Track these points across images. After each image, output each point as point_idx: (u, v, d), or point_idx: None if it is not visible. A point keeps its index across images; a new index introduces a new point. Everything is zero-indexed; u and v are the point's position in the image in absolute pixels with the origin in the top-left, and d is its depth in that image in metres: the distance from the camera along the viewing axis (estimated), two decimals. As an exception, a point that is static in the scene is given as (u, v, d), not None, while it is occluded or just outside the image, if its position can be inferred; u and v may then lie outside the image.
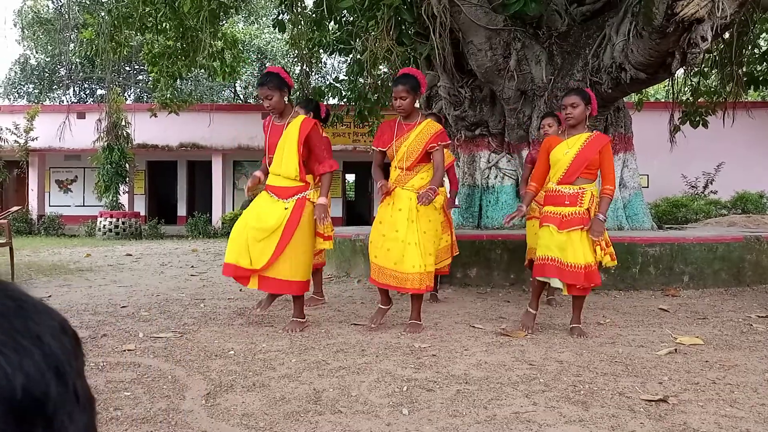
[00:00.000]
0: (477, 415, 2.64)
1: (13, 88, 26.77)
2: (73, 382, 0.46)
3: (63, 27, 14.65)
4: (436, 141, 4.38)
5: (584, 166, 4.26)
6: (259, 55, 25.54)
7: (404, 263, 4.25)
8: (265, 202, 4.42)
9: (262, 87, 4.33)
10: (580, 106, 4.26)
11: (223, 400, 2.84)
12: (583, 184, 4.28)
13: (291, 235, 4.32)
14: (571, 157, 4.26)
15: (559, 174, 4.32)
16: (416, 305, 4.44)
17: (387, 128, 4.55)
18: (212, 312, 5.10)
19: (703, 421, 2.55)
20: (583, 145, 4.27)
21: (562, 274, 4.20)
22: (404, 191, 4.38)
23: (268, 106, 4.35)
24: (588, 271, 4.15)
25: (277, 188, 4.41)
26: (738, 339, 4.09)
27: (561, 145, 4.34)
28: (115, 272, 8.13)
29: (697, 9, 5.46)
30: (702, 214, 13.78)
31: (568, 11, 7.69)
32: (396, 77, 4.47)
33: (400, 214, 4.32)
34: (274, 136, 4.43)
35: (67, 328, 0.49)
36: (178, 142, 18.59)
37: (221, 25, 12.99)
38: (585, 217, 4.22)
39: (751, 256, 6.54)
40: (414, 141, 4.39)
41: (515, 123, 7.95)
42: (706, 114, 10.68)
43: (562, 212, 4.24)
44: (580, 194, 4.25)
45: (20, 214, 16.94)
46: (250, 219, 4.36)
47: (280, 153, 4.40)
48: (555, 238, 4.23)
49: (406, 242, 4.26)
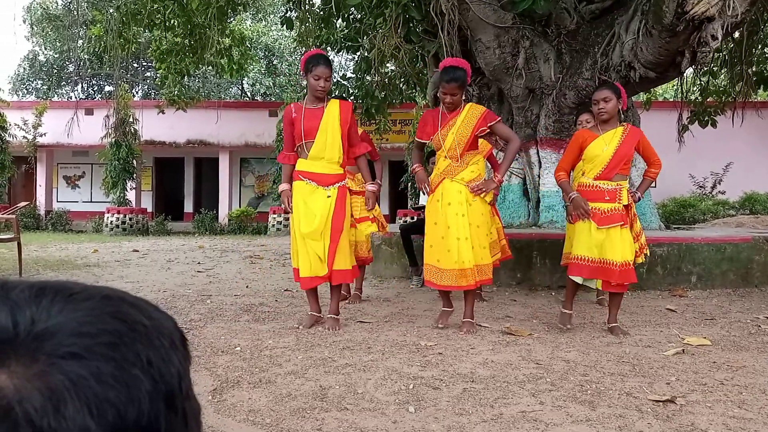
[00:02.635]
0: (483, 413, 2.63)
1: (22, 84, 26.88)
2: (182, 405, 0.44)
3: (72, 23, 14.68)
4: (485, 123, 4.31)
5: (623, 162, 4.25)
6: (267, 53, 25.54)
7: (461, 260, 4.18)
8: (306, 196, 4.33)
9: (324, 66, 4.28)
10: (613, 100, 4.23)
11: (230, 396, 2.85)
12: (620, 180, 4.26)
13: (342, 224, 4.31)
14: (610, 152, 4.23)
15: (597, 170, 4.26)
16: (470, 302, 4.35)
17: (430, 118, 4.45)
18: (219, 308, 5.10)
19: (711, 423, 2.53)
20: (621, 140, 4.25)
21: (599, 273, 4.16)
22: (453, 183, 4.28)
23: (322, 87, 4.29)
24: (624, 269, 4.11)
25: (318, 175, 4.33)
26: (746, 340, 4.07)
27: (598, 141, 4.27)
28: (122, 268, 8.15)
29: (708, 7, 5.42)
30: (710, 215, 13.70)
31: (577, 9, 7.64)
32: (444, 70, 4.30)
33: (450, 209, 4.24)
34: (312, 120, 4.32)
35: (177, 341, 0.46)
36: (186, 138, 18.63)
37: (229, 22, 13.00)
38: (624, 213, 4.19)
39: (759, 257, 6.50)
40: (461, 127, 4.29)
41: (523, 121, 7.92)
42: (715, 114, 10.61)
43: (601, 208, 4.19)
44: (618, 190, 4.22)
45: (28, 209, 17.01)
46: (301, 226, 4.30)
47: (324, 136, 4.32)
48: (594, 236, 4.17)
49: (458, 238, 4.19)
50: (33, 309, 0.41)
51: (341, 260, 4.33)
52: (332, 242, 4.27)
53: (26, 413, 0.36)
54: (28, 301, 0.42)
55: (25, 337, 0.39)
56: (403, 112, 15.50)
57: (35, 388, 0.37)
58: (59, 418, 0.36)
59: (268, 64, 25.79)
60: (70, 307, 0.42)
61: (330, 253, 4.27)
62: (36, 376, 0.37)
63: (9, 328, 0.40)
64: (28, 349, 0.39)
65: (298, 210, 4.35)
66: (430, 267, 4.32)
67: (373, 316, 4.79)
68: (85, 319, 0.41)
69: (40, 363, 0.38)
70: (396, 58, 7.83)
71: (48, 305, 0.42)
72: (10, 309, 0.41)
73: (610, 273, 4.12)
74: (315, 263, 4.28)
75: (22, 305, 0.41)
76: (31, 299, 0.42)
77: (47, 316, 0.41)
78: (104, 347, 0.40)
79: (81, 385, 0.38)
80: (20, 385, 0.37)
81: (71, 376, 0.38)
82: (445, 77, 4.24)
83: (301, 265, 4.33)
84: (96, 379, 0.39)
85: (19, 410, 0.36)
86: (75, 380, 0.38)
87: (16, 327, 0.40)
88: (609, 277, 4.13)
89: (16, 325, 0.40)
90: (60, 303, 0.42)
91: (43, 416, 0.36)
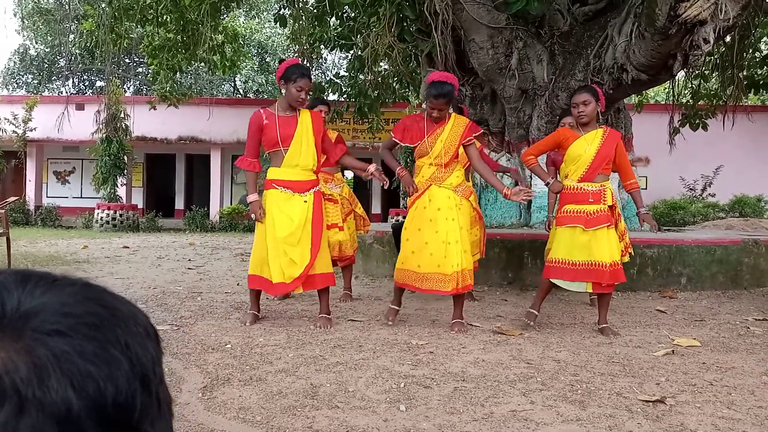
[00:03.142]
0: (474, 412, 2.64)
1: (12, 78, 26.67)
2: (156, 389, 0.46)
3: (63, 18, 14.60)
4: (470, 133, 4.37)
5: (605, 162, 4.28)
6: (260, 50, 25.48)
7: (446, 264, 4.19)
8: (280, 203, 4.29)
9: (308, 80, 4.32)
10: (592, 103, 4.26)
11: (220, 394, 2.84)
12: (602, 181, 4.29)
13: (321, 229, 4.33)
14: (593, 153, 4.25)
15: (580, 171, 4.28)
16: (459, 304, 4.38)
17: (414, 124, 4.44)
18: (209, 305, 5.08)
19: (700, 423, 2.55)
20: (602, 141, 4.28)
21: (589, 275, 4.17)
22: (442, 189, 4.32)
23: (303, 99, 4.30)
24: (613, 269, 4.13)
25: (293, 182, 4.30)
26: (735, 341, 4.10)
27: (580, 141, 4.29)
28: (112, 264, 8.11)
29: (700, 11, 5.45)
30: (700, 217, 13.79)
31: (571, 11, 7.67)
32: (432, 85, 4.28)
33: (440, 214, 4.26)
34: (286, 128, 4.31)
35: (151, 332, 0.49)
36: (177, 135, 18.55)
37: (222, 19, 12.94)
38: (609, 214, 4.21)
39: (748, 260, 6.55)
40: (449, 136, 4.34)
41: (516, 122, 7.94)
42: (706, 117, 10.67)
43: (586, 210, 4.20)
44: (602, 191, 4.25)
45: (17, 204, 16.89)
46: (276, 231, 4.22)
47: (299, 143, 4.31)
48: (578, 239, 4.18)
49: (447, 242, 4.21)
50: (19, 291, 0.44)
51: (323, 264, 4.34)
52: (314, 246, 4.25)
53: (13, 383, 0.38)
54: (14, 284, 0.44)
55: (12, 315, 0.42)
56: (396, 111, 15.51)
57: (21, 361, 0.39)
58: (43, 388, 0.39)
59: (261, 61, 25.73)
60: (54, 290, 0.45)
61: (312, 257, 4.24)
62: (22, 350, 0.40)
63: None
64: (14, 326, 0.41)
65: (272, 217, 4.27)
66: (408, 272, 4.32)
67: (364, 315, 4.79)
68: (68, 301, 0.44)
69: (26, 338, 0.40)
70: (389, 57, 7.83)
71: (33, 288, 0.44)
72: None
73: (600, 274, 4.13)
74: (288, 268, 4.19)
75: (10, 288, 0.44)
76: (17, 283, 0.44)
77: (32, 297, 0.43)
78: (86, 327, 0.43)
79: (64, 359, 0.40)
80: (7, 358, 0.39)
81: (55, 351, 0.40)
82: (434, 92, 4.25)
83: (273, 272, 4.22)
84: (78, 355, 0.41)
85: (7, 380, 0.38)
86: (59, 355, 0.40)
87: (3, 307, 0.42)
88: (600, 279, 4.14)
89: (3, 305, 0.42)
90: (44, 286, 0.45)
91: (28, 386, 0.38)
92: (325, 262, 4.38)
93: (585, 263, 4.17)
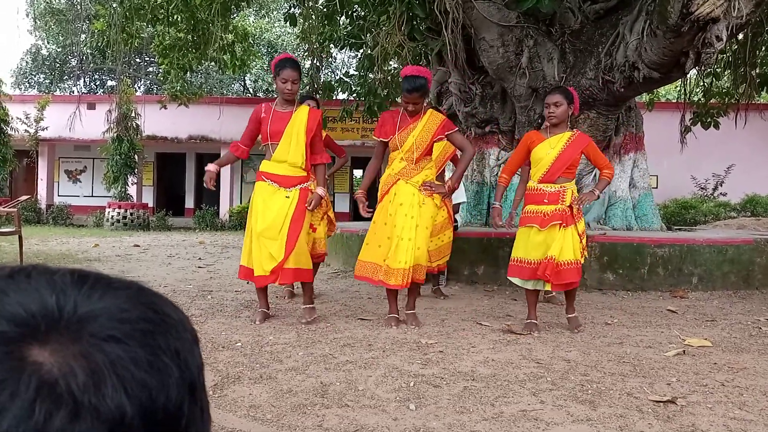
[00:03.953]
0: (484, 411, 2.63)
1: (25, 77, 26.88)
2: (201, 397, 0.46)
3: (75, 18, 14.69)
4: (443, 132, 4.41)
5: (566, 166, 4.28)
6: (270, 49, 25.53)
7: (393, 259, 4.24)
8: (265, 196, 4.39)
9: (291, 70, 4.32)
10: (563, 105, 4.25)
11: (231, 392, 2.85)
12: (564, 182, 4.29)
13: (300, 225, 4.36)
14: (553, 156, 4.27)
15: (540, 173, 4.31)
16: (412, 295, 4.46)
17: (389, 119, 4.51)
18: (219, 304, 5.11)
19: (712, 424, 2.53)
20: (565, 144, 4.28)
21: (543, 272, 4.17)
22: (408, 186, 4.35)
23: (290, 90, 4.33)
24: (569, 267, 4.15)
25: (280, 177, 4.39)
26: (747, 342, 4.07)
27: (543, 144, 4.31)
28: (123, 263, 8.16)
29: (713, 8, 5.41)
30: (711, 216, 13.69)
31: (582, 9, 7.63)
32: (405, 79, 4.33)
33: (400, 209, 4.30)
34: (278, 123, 4.39)
35: (196, 337, 0.49)
36: (188, 134, 18.62)
37: (232, 18, 12.98)
38: (567, 214, 4.21)
39: (760, 259, 6.50)
40: (422, 132, 4.37)
41: (526, 120, 7.91)
42: (718, 115, 10.59)
43: (543, 210, 4.24)
44: (561, 192, 4.26)
45: (29, 203, 17.02)
46: (257, 225, 4.36)
47: (288, 140, 4.38)
48: (533, 238, 4.23)
49: (400, 237, 4.25)
50: (76, 293, 0.43)
51: (299, 260, 4.37)
52: (289, 241, 4.31)
53: (69, 388, 0.38)
54: (71, 285, 0.44)
55: (69, 319, 0.42)
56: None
57: (78, 366, 0.39)
58: (99, 395, 0.39)
59: (271, 60, 25.75)
60: (110, 293, 0.44)
61: (287, 251, 4.29)
62: (79, 355, 0.39)
63: (54, 310, 0.42)
64: (71, 329, 0.41)
65: (256, 209, 4.41)
66: (370, 264, 4.35)
67: (373, 314, 4.79)
68: (124, 306, 0.44)
69: (83, 343, 0.40)
70: (399, 56, 7.83)
71: (89, 291, 0.44)
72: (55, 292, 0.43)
73: (552, 270, 4.13)
74: (266, 261, 4.31)
75: (66, 289, 0.43)
76: (73, 284, 0.44)
77: (89, 301, 0.43)
78: (141, 334, 0.43)
79: (120, 366, 0.40)
80: (63, 363, 0.39)
81: (111, 357, 0.40)
82: (407, 86, 4.28)
83: (255, 264, 4.37)
84: (133, 362, 0.41)
85: (63, 385, 0.38)
86: (115, 361, 0.40)
87: (61, 309, 0.42)
88: (554, 277, 4.15)
89: (61, 307, 0.42)
90: (100, 290, 0.44)
91: (84, 392, 0.38)
92: (301, 258, 4.38)
93: (538, 261, 4.20)
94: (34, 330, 0.40)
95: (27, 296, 0.42)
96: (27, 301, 0.42)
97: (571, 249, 4.18)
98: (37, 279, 0.44)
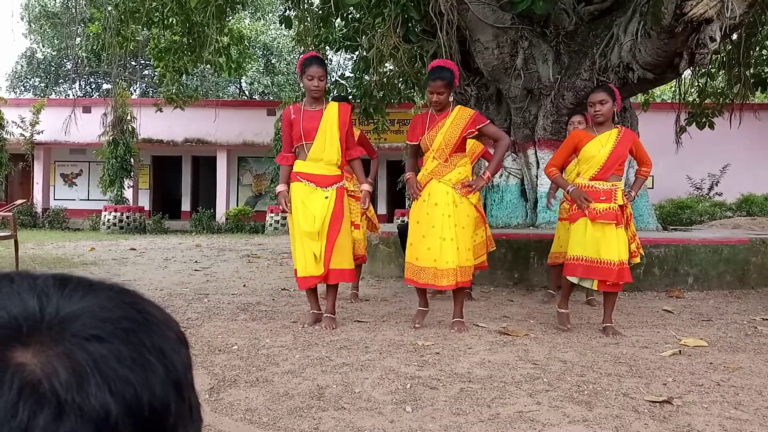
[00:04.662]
0: (480, 413, 2.64)
1: (20, 81, 26.83)
2: (188, 394, 0.46)
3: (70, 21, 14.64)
4: (474, 126, 4.36)
5: (618, 163, 4.28)
6: (265, 51, 25.53)
7: (441, 260, 4.22)
8: (304, 196, 4.35)
9: (317, 66, 4.32)
10: (609, 102, 4.27)
11: (227, 395, 2.85)
12: (615, 180, 4.29)
13: (340, 225, 4.35)
14: (606, 153, 4.26)
15: (593, 170, 4.30)
16: (459, 302, 4.39)
17: (419, 121, 4.50)
18: (216, 307, 5.10)
19: (708, 423, 2.54)
20: (616, 141, 4.29)
21: (594, 272, 4.17)
22: (441, 184, 4.32)
23: (316, 87, 4.31)
24: (621, 268, 4.13)
25: (317, 176, 4.36)
26: (742, 341, 4.08)
27: (594, 141, 4.31)
28: (119, 266, 8.14)
29: (706, 9, 5.43)
30: (707, 216, 13.73)
31: (576, 10, 7.65)
32: (431, 70, 4.38)
33: (437, 209, 4.28)
34: (311, 122, 4.36)
35: (183, 338, 0.49)
36: (183, 137, 18.60)
37: (228, 21, 12.98)
38: (619, 213, 4.21)
39: (756, 259, 6.52)
40: (450, 128, 4.33)
41: (521, 122, 7.93)
42: (713, 115, 10.63)
43: (596, 208, 4.21)
44: (614, 190, 4.25)
45: (25, 207, 16.99)
46: (300, 224, 4.32)
47: (322, 138, 4.35)
48: (588, 234, 4.19)
49: (442, 238, 4.23)
50: (58, 295, 0.44)
51: (339, 260, 4.35)
52: (329, 242, 4.30)
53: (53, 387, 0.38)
54: (53, 288, 0.44)
55: (51, 320, 0.42)
56: (402, 111, 15.51)
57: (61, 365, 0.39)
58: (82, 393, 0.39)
59: (267, 63, 25.77)
60: (92, 295, 0.45)
61: (327, 252, 4.29)
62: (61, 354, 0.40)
63: (36, 313, 0.42)
64: (53, 331, 0.41)
65: (296, 210, 4.36)
66: (410, 265, 4.38)
67: (370, 316, 4.79)
68: (106, 305, 0.44)
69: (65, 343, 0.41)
70: (394, 58, 7.83)
71: (71, 293, 0.44)
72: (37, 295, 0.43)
73: (607, 272, 4.13)
74: (310, 263, 4.30)
75: (48, 291, 0.44)
76: (55, 286, 0.45)
77: (71, 303, 0.43)
78: (124, 332, 0.43)
79: (103, 364, 0.40)
80: (46, 363, 0.39)
81: (94, 356, 0.41)
82: (432, 76, 4.33)
83: (298, 265, 4.36)
84: (116, 360, 0.41)
85: (47, 384, 0.38)
86: (97, 359, 0.41)
87: (42, 311, 0.42)
88: (606, 277, 4.14)
89: (43, 309, 0.43)
90: (82, 291, 0.45)
91: (68, 391, 0.39)
92: (342, 257, 4.38)
93: (592, 260, 4.18)
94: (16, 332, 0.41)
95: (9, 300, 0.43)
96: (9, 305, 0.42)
97: (624, 249, 4.18)
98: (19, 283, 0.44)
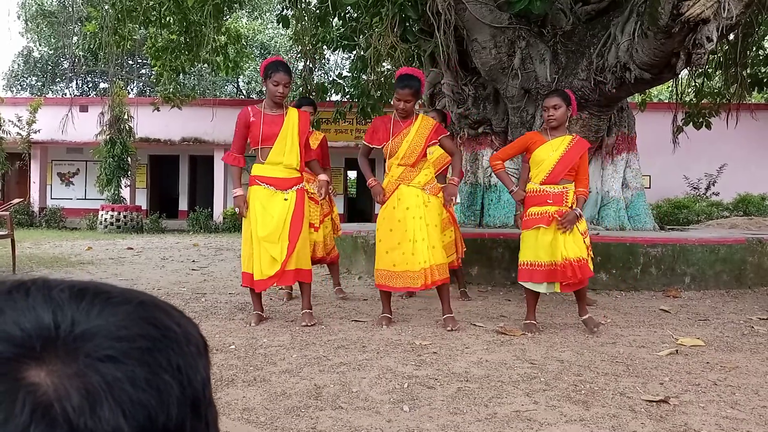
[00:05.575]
0: (478, 412, 2.64)
1: (16, 80, 26.77)
2: (205, 412, 0.45)
3: (66, 20, 14.61)
4: (436, 136, 4.45)
5: (568, 169, 4.30)
6: (263, 51, 25.52)
7: (414, 261, 4.26)
8: (264, 200, 4.40)
9: (284, 73, 4.34)
10: (562, 107, 4.28)
11: (224, 395, 2.85)
12: (566, 184, 4.32)
13: (300, 226, 4.39)
14: (556, 158, 4.29)
15: (543, 174, 4.31)
16: (445, 299, 4.41)
17: (381, 125, 4.53)
18: (213, 306, 5.10)
19: (704, 423, 2.55)
20: (567, 147, 4.30)
21: (555, 275, 4.19)
22: (410, 188, 4.38)
23: (281, 93, 4.34)
24: (579, 264, 4.16)
25: (276, 179, 4.41)
26: (739, 341, 4.09)
27: (545, 146, 4.32)
28: (116, 266, 8.13)
29: (703, 9, 5.43)
30: (704, 216, 13.74)
31: (573, 10, 7.65)
32: (399, 78, 4.42)
33: (408, 213, 4.32)
34: (271, 126, 4.39)
35: (202, 349, 0.48)
36: (181, 136, 18.57)
37: (225, 20, 12.97)
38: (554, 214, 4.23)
39: (752, 259, 6.53)
40: (415, 137, 4.41)
41: (518, 121, 7.93)
42: (710, 115, 10.65)
43: (548, 211, 4.24)
44: (564, 193, 4.28)
45: (22, 206, 16.94)
46: (257, 230, 4.36)
47: (283, 142, 4.39)
48: (542, 239, 4.22)
49: (414, 240, 4.28)
50: (73, 309, 0.42)
51: (299, 260, 4.40)
52: (290, 243, 4.33)
53: (65, 411, 0.37)
54: (68, 301, 0.43)
55: (65, 338, 0.41)
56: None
57: (74, 387, 0.38)
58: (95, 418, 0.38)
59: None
60: (108, 310, 0.43)
61: (288, 254, 4.32)
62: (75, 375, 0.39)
63: (50, 328, 0.41)
64: (67, 349, 0.40)
65: (255, 213, 4.40)
66: (384, 272, 4.39)
67: (368, 315, 4.79)
68: (122, 323, 0.43)
69: (78, 363, 0.39)
70: (392, 57, 7.84)
71: (87, 307, 0.43)
72: (52, 309, 0.42)
73: (564, 272, 4.15)
74: (266, 265, 4.32)
75: (64, 305, 0.42)
76: (71, 300, 0.43)
77: (87, 318, 0.42)
78: (139, 352, 0.42)
79: (116, 387, 0.39)
80: (59, 384, 0.38)
81: (108, 378, 0.39)
82: (399, 84, 4.36)
83: (255, 269, 4.37)
84: (130, 382, 0.40)
85: (58, 408, 0.37)
86: (111, 382, 0.39)
87: (57, 327, 0.41)
88: (565, 277, 4.16)
89: (58, 325, 0.41)
90: (99, 305, 0.43)
91: (80, 415, 0.38)
92: (301, 259, 4.43)
93: (549, 264, 4.20)
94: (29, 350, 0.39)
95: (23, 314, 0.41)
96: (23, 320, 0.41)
97: (579, 247, 4.20)
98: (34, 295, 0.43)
